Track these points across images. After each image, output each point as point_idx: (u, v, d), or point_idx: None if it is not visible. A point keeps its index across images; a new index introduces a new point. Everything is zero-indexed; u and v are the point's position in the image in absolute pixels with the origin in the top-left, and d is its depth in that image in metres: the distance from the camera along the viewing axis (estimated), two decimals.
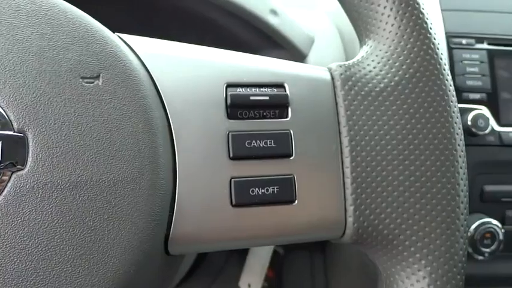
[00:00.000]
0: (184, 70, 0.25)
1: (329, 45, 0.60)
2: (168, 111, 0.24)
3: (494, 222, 0.51)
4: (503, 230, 0.51)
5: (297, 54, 0.56)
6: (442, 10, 0.55)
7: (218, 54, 0.27)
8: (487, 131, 0.50)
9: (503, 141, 0.52)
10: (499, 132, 0.52)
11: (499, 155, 0.52)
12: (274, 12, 0.55)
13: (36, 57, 0.22)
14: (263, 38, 0.56)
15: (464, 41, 0.54)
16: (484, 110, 0.52)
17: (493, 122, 0.52)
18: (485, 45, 0.54)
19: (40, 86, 0.21)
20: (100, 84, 0.22)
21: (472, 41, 0.54)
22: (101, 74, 0.22)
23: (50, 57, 0.22)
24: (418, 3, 0.27)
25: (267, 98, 0.25)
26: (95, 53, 0.23)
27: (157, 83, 0.24)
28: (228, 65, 0.26)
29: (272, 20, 0.55)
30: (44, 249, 0.20)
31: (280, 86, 0.26)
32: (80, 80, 0.22)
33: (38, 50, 0.22)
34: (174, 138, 0.24)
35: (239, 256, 0.58)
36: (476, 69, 0.53)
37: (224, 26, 0.55)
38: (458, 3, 0.56)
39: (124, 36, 0.25)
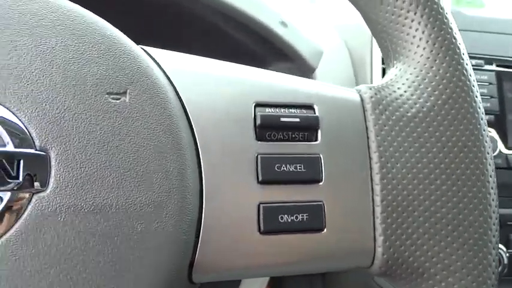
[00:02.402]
0: (212, 87, 0.24)
1: (337, 59, 0.60)
2: (194, 130, 0.23)
3: (500, 245, 0.50)
4: (507, 254, 0.51)
5: (306, 67, 0.55)
6: None
7: (246, 72, 0.25)
8: (494, 154, 0.50)
9: (511, 165, 0.51)
10: (506, 155, 0.51)
11: (506, 178, 0.52)
12: (283, 24, 0.54)
13: (61, 70, 0.20)
14: (271, 49, 0.55)
15: (473, 62, 0.54)
16: (492, 133, 0.51)
17: (500, 145, 0.51)
18: (494, 67, 0.54)
19: (64, 101, 0.20)
20: (127, 100, 0.21)
21: (482, 62, 0.54)
22: (128, 90, 0.21)
23: (75, 71, 0.20)
24: (451, 28, 0.26)
25: (298, 120, 0.24)
26: (122, 67, 0.21)
27: (183, 100, 0.23)
28: (257, 83, 0.25)
29: (282, 32, 0.54)
30: (65, 278, 0.19)
31: (309, 107, 0.25)
32: (106, 95, 0.21)
33: (62, 63, 0.20)
34: (201, 160, 0.22)
35: None
36: (485, 91, 0.53)
37: (233, 36, 0.54)
38: (468, 24, 0.56)
39: (148, 49, 0.24)
